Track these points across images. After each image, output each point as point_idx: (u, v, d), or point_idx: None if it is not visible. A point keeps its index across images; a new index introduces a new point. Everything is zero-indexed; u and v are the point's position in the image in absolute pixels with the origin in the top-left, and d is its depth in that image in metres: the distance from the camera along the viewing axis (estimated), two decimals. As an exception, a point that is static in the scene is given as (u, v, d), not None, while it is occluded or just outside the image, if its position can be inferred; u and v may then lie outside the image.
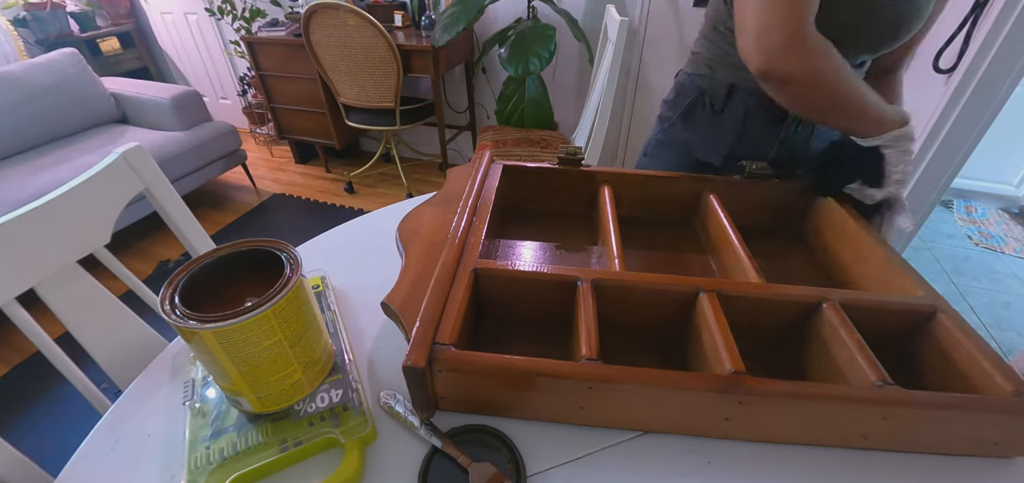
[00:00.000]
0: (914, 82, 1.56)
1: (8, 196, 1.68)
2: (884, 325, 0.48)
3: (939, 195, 1.47)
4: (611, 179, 0.67)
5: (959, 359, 0.43)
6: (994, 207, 2.37)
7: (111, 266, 0.60)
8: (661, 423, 0.44)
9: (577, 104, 2.25)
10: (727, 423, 0.42)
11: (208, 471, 0.39)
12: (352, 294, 0.60)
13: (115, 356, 0.60)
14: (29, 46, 2.48)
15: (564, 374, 0.40)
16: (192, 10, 2.81)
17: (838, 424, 0.41)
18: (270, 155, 2.92)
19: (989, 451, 0.42)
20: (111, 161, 0.59)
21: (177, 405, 0.46)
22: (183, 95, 2.18)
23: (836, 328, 0.44)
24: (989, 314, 1.76)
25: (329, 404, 0.45)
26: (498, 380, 0.42)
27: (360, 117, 2.21)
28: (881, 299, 0.48)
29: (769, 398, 0.39)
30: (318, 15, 1.84)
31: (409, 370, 0.39)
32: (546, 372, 0.40)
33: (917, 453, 0.43)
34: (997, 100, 1.26)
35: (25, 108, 1.99)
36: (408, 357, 0.39)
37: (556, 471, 0.41)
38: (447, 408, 0.45)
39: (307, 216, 2.34)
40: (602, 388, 0.40)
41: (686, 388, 0.40)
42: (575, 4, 1.99)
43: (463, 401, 0.45)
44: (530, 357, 0.41)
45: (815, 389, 0.39)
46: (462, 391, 0.44)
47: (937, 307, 0.47)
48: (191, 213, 0.68)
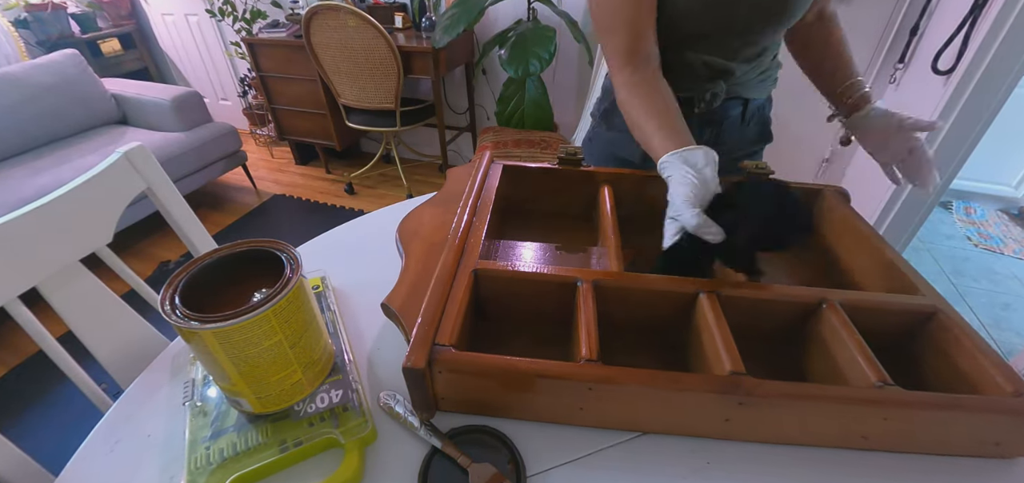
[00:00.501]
0: (914, 82, 1.56)
1: (8, 197, 1.69)
2: (884, 326, 0.48)
3: (938, 196, 1.48)
4: (611, 179, 0.67)
5: (959, 360, 0.43)
6: (993, 208, 2.37)
7: (113, 265, 0.61)
8: (661, 424, 0.44)
9: (577, 105, 2.25)
10: (727, 424, 0.42)
11: (208, 471, 0.39)
12: (352, 294, 0.60)
13: (116, 355, 0.60)
14: (30, 47, 2.49)
15: (564, 375, 0.40)
16: (193, 11, 2.81)
17: (838, 425, 0.41)
18: (270, 156, 2.92)
19: (990, 451, 0.42)
20: (114, 160, 0.59)
21: (177, 405, 0.46)
22: (184, 96, 2.18)
23: (836, 329, 0.44)
24: (988, 315, 1.76)
25: (329, 404, 0.45)
26: (498, 381, 0.42)
27: (360, 118, 2.21)
28: (881, 299, 0.48)
29: (769, 399, 0.39)
30: (319, 16, 1.84)
31: (409, 371, 0.39)
32: (546, 373, 0.40)
33: (917, 454, 0.42)
34: (996, 101, 1.26)
35: (26, 109, 1.99)
36: (408, 358, 0.39)
37: (556, 471, 0.41)
38: (447, 409, 0.45)
39: (307, 217, 2.34)
40: (602, 389, 0.40)
41: (686, 389, 0.40)
42: (575, 5, 1.99)
43: (463, 402, 0.45)
44: (530, 358, 0.41)
45: (815, 390, 0.39)
46: (462, 392, 0.44)
47: (937, 308, 0.47)
48: (193, 213, 0.68)
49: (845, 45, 0.68)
